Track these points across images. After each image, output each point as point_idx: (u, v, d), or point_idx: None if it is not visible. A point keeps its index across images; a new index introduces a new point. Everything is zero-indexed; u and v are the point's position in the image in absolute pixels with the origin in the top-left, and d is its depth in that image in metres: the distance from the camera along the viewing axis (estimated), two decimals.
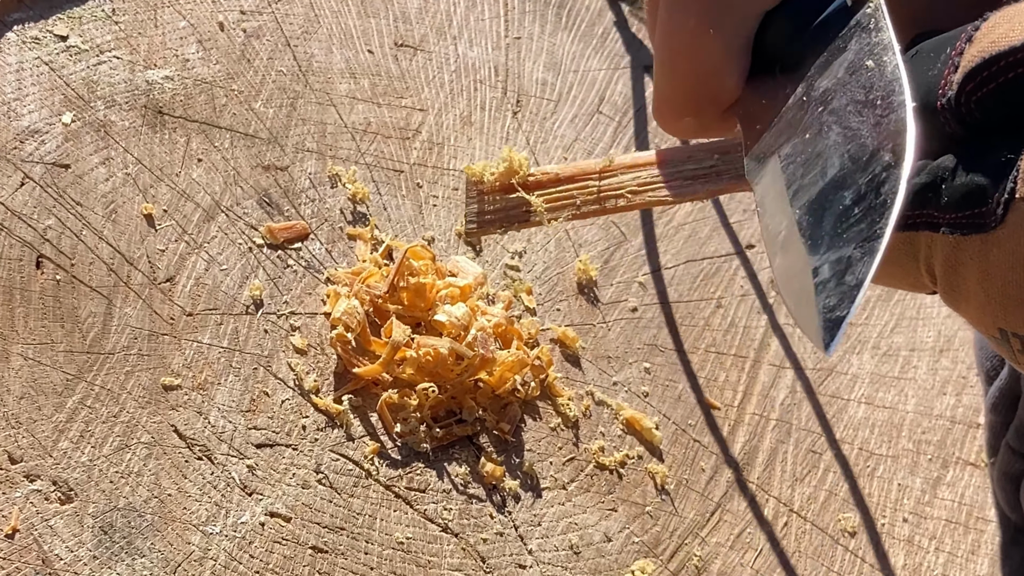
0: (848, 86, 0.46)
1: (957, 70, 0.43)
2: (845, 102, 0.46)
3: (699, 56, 0.52)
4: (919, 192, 0.44)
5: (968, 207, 0.43)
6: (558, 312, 0.71)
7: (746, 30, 0.51)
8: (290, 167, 0.68)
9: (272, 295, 0.64)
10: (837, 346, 0.43)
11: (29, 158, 0.61)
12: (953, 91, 0.42)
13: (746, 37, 0.51)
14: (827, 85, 0.47)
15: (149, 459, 0.57)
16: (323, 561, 0.58)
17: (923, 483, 0.74)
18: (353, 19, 0.75)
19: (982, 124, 0.43)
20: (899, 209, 0.41)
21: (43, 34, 0.65)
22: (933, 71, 0.44)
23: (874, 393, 0.76)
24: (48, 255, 0.59)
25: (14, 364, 0.56)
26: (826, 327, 0.42)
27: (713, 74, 0.52)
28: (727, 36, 0.51)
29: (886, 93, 0.45)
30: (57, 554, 0.53)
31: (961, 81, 0.42)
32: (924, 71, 0.44)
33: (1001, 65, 0.41)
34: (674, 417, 0.70)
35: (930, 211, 0.44)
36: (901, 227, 0.45)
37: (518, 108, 0.77)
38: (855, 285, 0.42)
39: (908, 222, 0.45)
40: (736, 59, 0.51)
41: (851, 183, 0.44)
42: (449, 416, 0.64)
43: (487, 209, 0.53)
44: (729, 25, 0.51)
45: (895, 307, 0.80)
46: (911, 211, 0.44)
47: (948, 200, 0.43)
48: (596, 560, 0.63)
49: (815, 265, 0.44)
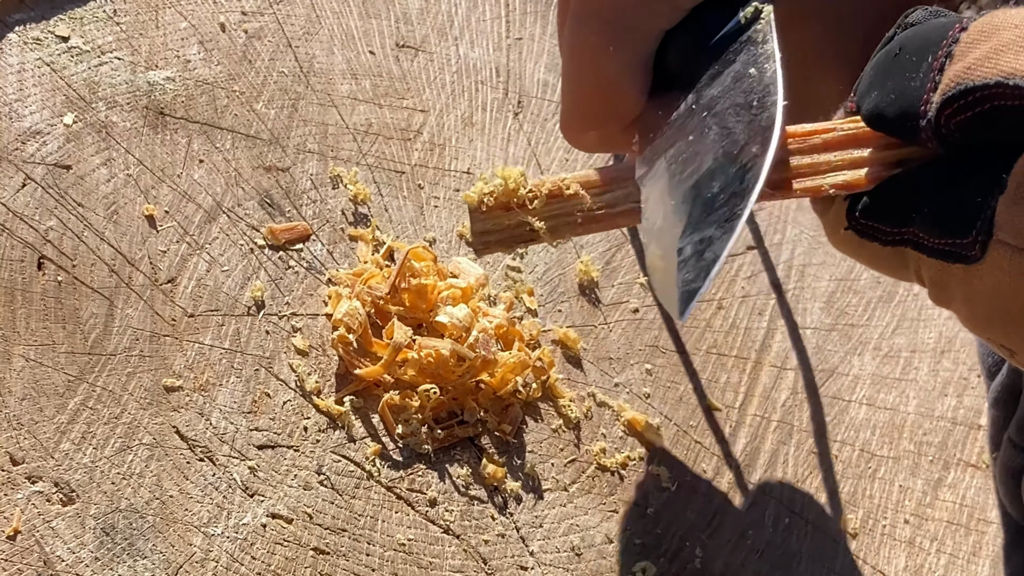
0: (731, 92, 0.48)
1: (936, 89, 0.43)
2: (727, 106, 0.48)
3: (601, 72, 0.53)
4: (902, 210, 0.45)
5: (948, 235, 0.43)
6: (559, 313, 0.71)
7: (645, 49, 0.52)
8: (291, 168, 0.68)
9: (274, 296, 0.64)
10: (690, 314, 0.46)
11: (31, 159, 0.61)
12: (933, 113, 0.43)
13: (646, 55, 0.52)
14: (714, 93, 0.49)
15: (151, 460, 0.57)
16: (325, 562, 0.58)
17: (924, 484, 0.74)
18: (354, 20, 0.75)
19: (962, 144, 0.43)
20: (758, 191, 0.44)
21: (45, 35, 0.65)
22: (915, 81, 0.44)
23: (875, 394, 0.76)
24: (50, 256, 0.59)
25: (16, 365, 0.56)
26: (682, 297, 0.46)
27: (614, 90, 0.53)
28: (627, 54, 0.52)
29: (762, 95, 0.47)
30: (59, 556, 0.53)
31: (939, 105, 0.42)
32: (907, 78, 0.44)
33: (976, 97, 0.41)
34: (676, 418, 0.70)
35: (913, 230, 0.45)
36: (889, 242, 0.46)
37: (520, 109, 0.77)
38: (712, 260, 0.45)
39: (896, 238, 0.46)
40: (636, 76, 0.52)
41: (721, 174, 0.46)
42: (451, 417, 0.64)
43: (491, 229, 0.54)
44: (629, 43, 0.52)
45: (896, 308, 0.80)
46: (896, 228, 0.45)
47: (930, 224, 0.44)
48: (598, 562, 0.63)
49: (679, 247, 0.47)
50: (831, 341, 0.77)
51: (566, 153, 0.76)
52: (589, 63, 0.53)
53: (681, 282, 0.46)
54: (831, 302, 0.79)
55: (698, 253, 0.46)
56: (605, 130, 0.55)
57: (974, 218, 0.42)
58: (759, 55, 0.48)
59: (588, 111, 0.55)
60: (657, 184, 0.50)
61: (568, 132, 0.57)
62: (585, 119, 0.55)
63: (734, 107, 0.48)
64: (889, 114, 0.45)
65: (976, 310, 0.44)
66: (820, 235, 0.81)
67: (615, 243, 0.74)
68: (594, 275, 0.72)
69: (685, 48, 0.52)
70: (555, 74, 0.80)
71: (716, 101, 0.49)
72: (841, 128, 0.48)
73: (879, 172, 0.47)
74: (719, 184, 0.46)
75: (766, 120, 0.46)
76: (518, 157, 0.75)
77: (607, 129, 0.55)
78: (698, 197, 0.47)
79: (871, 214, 0.46)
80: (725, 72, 0.49)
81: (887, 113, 0.45)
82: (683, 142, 0.50)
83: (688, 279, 0.45)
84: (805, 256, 0.79)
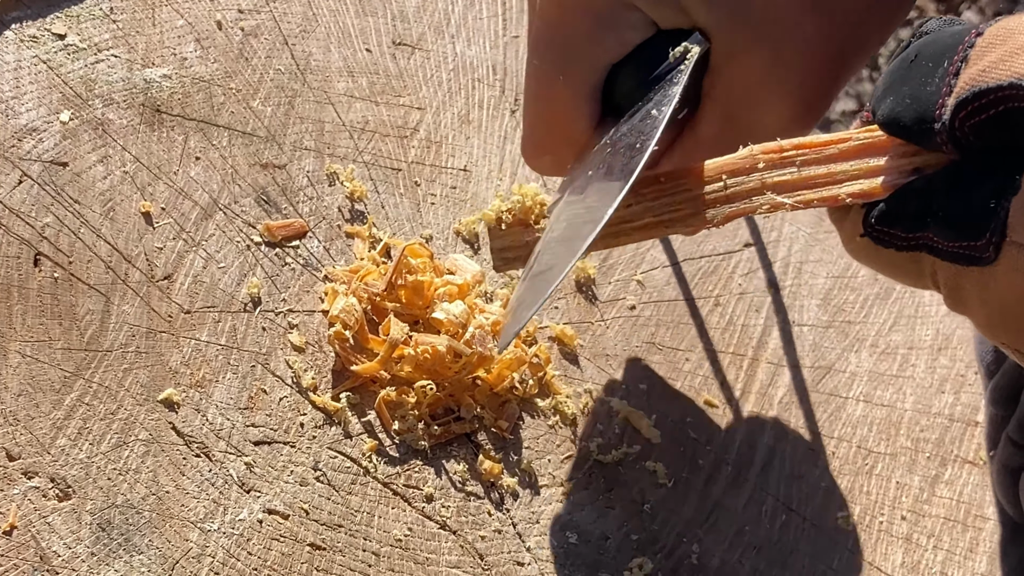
0: (632, 131, 0.52)
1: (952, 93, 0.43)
2: (621, 145, 0.51)
3: (552, 100, 0.56)
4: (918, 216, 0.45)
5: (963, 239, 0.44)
6: (556, 310, 0.71)
7: (593, 79, 0.55)
8: (288, 165, 0.68)
9: (270, 293, 0.64)
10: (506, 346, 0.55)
11: (27, 156, 0.61)
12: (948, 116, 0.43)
13: (593, 86, 0.55)
14: (624, 131, 0.52)
15: (147, 456, 0.57)
16: (321, 558, 0.58)
17: (921, 481, 0.74)
18: (351, 18, 0.75)
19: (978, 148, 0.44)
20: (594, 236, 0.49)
21: (41, 32, 0.65)
22: (931, 86, 0.45)
23: (872, 391, 0.76)
24: (46, 253, 0.59)
25: (12, 361, 0.56)
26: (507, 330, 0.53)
27: (564, 118, 0.56)
28: (575, 84, 0.55)
29: (644, 139, 0.50)
30: (55, 551, 0.53)
31: (954, 108, 0.43)
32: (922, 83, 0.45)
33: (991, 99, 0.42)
34: (672, 415, 0.70)
35: (930, 235, 0.45)
36: (904, 247, 0.46)
37: (516, 107, 0.77)
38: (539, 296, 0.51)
39: (911, 243, 0.46)
40: (584, 105, 0.56)
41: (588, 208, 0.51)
42: (447, 414, 0.64)
43: (510, 246, 0.57)
44: (577, 74, 0.55)
45: (893, 305, 0.80)
46: (912, 234, 0.46)
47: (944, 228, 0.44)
48: (594, 558, 0.63)
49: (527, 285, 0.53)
50: (828, 338, 0.77)
51: None
52: (542, 90, 0.56)
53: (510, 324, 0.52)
54: (828, 299, 0.79)
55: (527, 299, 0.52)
56: (557, 155, 0.58)
57: (987, 220, 0.42)
58: (665, 96, 0.52)
59: (541, 136, 0.58)
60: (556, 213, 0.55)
61: (526, 155, 0.61)
62: (539, 144, 0.59)
63: (625, 147, 0.51)
64: (905, 119, 0.45)
65: (992, 313, 0.44)
66: (817, 232, 0.81)
67: None
68: (591, 272, 0.72)
69: (628, 81, 0.54)
70: None
71: (621, 139, 0.52)
72: (857, 138, 0.49)
73: (895, 180, 0.47)
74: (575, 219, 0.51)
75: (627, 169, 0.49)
76: (514, 155, 0.75)
77: (559, 154, 0.58)
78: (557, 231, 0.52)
79: (887, 220, 0.46)
80: (641, 111, 0.52)
81: (903, 118, 0.45)
82: (585, 175, 0.53)
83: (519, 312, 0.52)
84: (802, 253, 0.80)
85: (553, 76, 0.55)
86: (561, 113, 0.56)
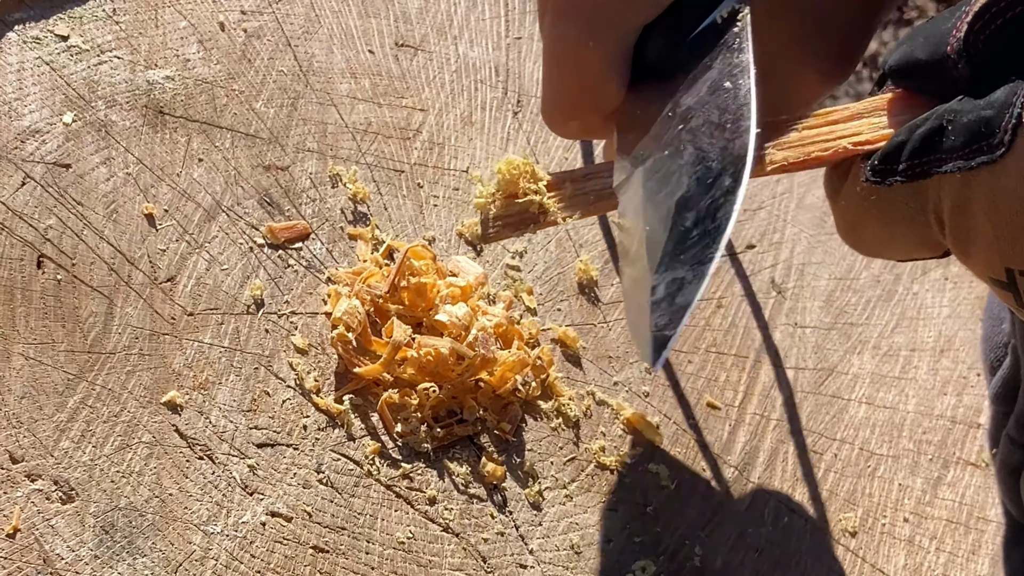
0: (706, 106, 0.48)
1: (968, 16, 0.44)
2: (701, 122, 0.48)
3: (580, 65, 0.53)
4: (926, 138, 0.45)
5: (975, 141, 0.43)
6: (559, 312, 0.71)
7: (624, 42, 0.53)
8: (291, 167, 0.68)
9: (273, 295, 0.64)
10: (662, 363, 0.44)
11: (30, 158, 0.61)
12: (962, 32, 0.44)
13: (624, 49, 0.53)
14: (690, 103, 0.49)
15: (150, 459, 0.57)
16: (324, 561, 0.58)
17: (924, 483, 0.74)
18: (354, 19, 0.75)
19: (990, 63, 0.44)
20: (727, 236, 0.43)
21: (44, 34, 0.65)
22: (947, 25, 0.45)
23: (875, 393, 0.76)
24: (49, 255, 0.59)
25: (15, 364, 0.56)
26: (655, 345, 0.44)
27: (594, 82, 0.54)
28: (606, 48, 0.53)
29: (735, 118, 0.46)
30: (58, 553, 0.53)
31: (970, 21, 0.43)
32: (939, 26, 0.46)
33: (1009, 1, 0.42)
34: (675, 417, 0.70)
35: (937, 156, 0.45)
36: (909, 176, 0.46)
37: (519, 108, 0.77)
38: (682, 307, 0.43)
39: (916, 170, 0.46)
40: (615, 69, 0.53)
41: (694, 204, 0.45)
42: (450, 416, 0.64)
43: (500, 215, 0.54)
44: (608, 37, 0.52)
45: (895, 307, 0.80)
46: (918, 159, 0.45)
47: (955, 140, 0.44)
48: (597, 560, 0.63)
49: (653, 283, 0.45)
50: (830, 340, 0.77)
51: (565, 152, 0.76)
52: (569, 56, 0.53)
53: (654, 327, 0.44)
54: (830, 301, 0.79)
55: (670, 296, 0.44)
56: (585, 120, 0.56)
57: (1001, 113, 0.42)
58: (734, 66, 0.49)
59: (568, 102, 0.55)
60: (633, 199, 0.50)
61: (550, 120, 0.57)
62: (565, 109, 0.56)
63: (708, 125, 0.47)
64: (920, 55, 0.46)
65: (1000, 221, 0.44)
66: (819, 234, 0.81)
67: (615, 241, 0.74)
68: (593, 274, 0.72)
69: (663, 43, 0.52)
70: None
71: (691, 113, 0.49)
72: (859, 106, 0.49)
73: None
74: (692, 218, 0.45)
75: (739, 149, 0.45)
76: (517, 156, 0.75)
77: (587, 119, 0.56)
78: (673, 228, 0.46)
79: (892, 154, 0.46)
80: (701, 80, 0.50)
81: (918, 55, 0.46)
82: (659, 155, 0.50)
83: (660, 324, 0.44)
84: (805, 255, 0.80)
85: (582, 41, 0.53)
86: (591, 78, 0.53)
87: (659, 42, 0.52)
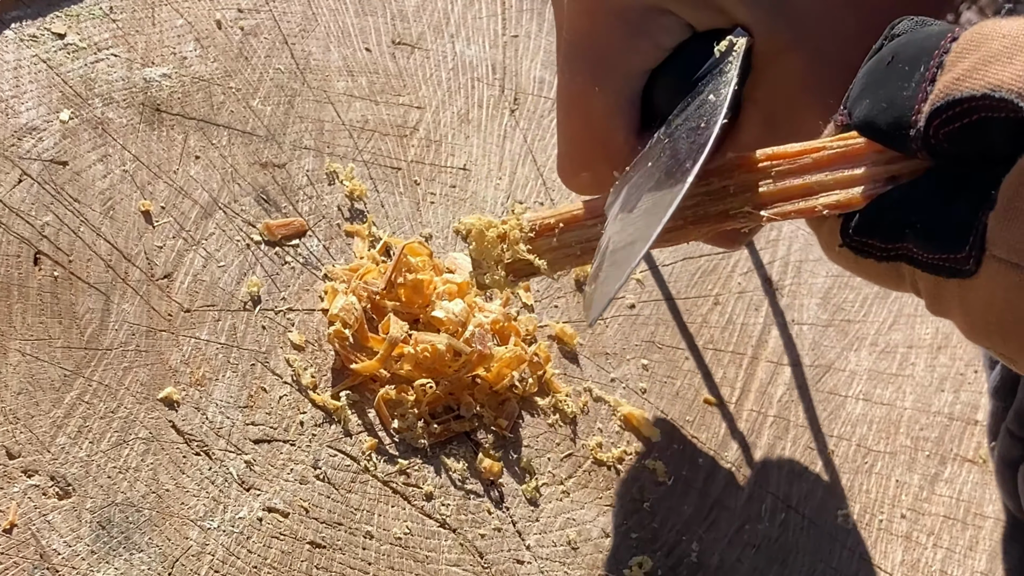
0: (691, 118, 0.49)
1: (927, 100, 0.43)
2: (683, 131, 0.49)
3: (587, 112, 0.53)
4: (895, 226, 0.45)
5: (942, 251, 0.43)
6: (556, 309, 0.71)
7: (630, 87, 0.53)
8: (288, 164, 0.68)
9: (270, 291, 0.64)
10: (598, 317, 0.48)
11: (27, 155, 0.61)
12: (923, 123, 0.43)
13: (630, 94, 0.53)
14: (679, 122, 0.50)
15: (147, 454, 0.57)
16: (321, 556, 0.58)
17: (921, 479, 0.74)
18: (351, 17, 0.75)
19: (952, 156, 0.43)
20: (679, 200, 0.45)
21: (41, 32, 0.65)
22: (907, 91, 0.44)
23: (872, 390, 0.76)
24: (46, 251, 0.59)
25: (12, 360, 0.56)
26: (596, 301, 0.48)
27: (602, 130, 0.53)
28: (612, 94, 0.53)
29: (711, 116, 0.48)
30: (55, 549, 0.53)
31: (928, 115, 0.42)
32: (899, 87, 0.44)
33: (964, 108, 0.41)
34: (672, 413, 0.70)
35: (908, 245, 0.44)
36: (884, 258, 0.46)
37: (516, 106, 0.77)
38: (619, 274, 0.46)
39: (891, 254, 0.45)
40: (623, 115, 0.53)
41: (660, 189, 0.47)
42: (447, 412, 0.64)
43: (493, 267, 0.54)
44: (613, 83, 0.52)
45: (892, 304, 0.80)
46: (891, 244, 0.45)
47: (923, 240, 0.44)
48: (594, 556, 0.63)
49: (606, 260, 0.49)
50: (827, 337, 0.77)
51: None
52: (577, 103, 0.54)
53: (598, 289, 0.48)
54: (827, 298, 0.79)
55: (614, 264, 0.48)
56: (597, 172, 0.55)
57: (966, 234, 0.41)
58: (720, 83, 0.49)
59: (579, 152, 0.56)
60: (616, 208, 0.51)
61: (563, 174, 0.58)
62: (577, 161, 0.56)
63: (688, 131, 0.49)
64: (881, 123, 0.45)
65: (974, 322, 0.44)
66: None
67: None
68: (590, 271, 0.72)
69: (669, 86, 0.52)
70: (551, 71, 0.80)
71: (678, 129, 0.50)
72: (831, 147, 0.48)
73: (872, 189, 0.46)
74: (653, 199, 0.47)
75: (705, 136, 0.46)
76: (513, 154, 0.75)
77: (598, 170, 0.55)
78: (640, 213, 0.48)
79: (864, 230, 0.46)
80: (693, 102, 0.50)
81: (879, 122, 0.45)
82: (644, 167, 0.51)
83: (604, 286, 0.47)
84: (801, 252, 0.80)
85: (588, 87, 0.53)
86: (599, 125, 0.54)
87: (665, 86, 0.52)
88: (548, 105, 0.78)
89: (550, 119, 0.78)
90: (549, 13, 0.82)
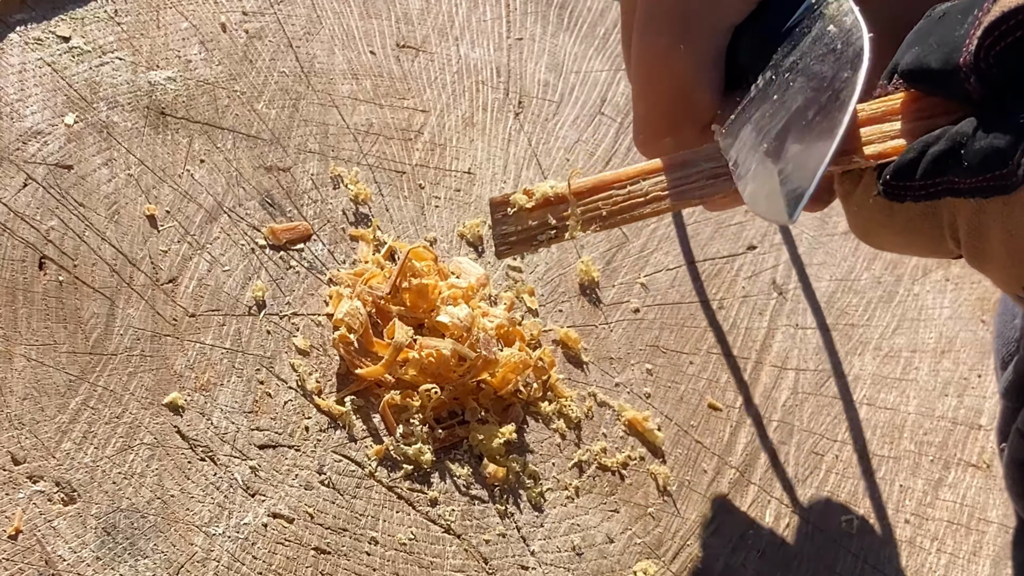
0: (812, 51, 0.48)
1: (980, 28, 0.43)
2: (810, 60, 0.48)
3: (672, 73, 0.52)
4: (939, 159, 0.45)
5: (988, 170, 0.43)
6: (560, 313, 0.71)
7: (716, 44, 0.51)
8: (292, 168, 0.68)
9: (275, 296, 0.64)
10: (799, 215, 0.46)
11: (32, 159, 0.61)
12: (974, 46, 0.43)
13: (716, 52, 0.52)
14: (794, 59, 0.49)
15: (152, 460, 0.57)
16: (326, 562, 0.58)
17: (925, 484, 0.74)
18: (355, 20, 0.75)
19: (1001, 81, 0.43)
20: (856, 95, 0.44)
21: (46, 35, 0.65)
22: (960, 32, 0.44)
23: (876, 394, 0.76)
24: (51, 256, 0.59)
25: (17, 365, 0.56)
26: (790, 201, 0.46)
27: (687, 90, 0.52)
28: (697, 51, 0.51)
29: (845, 38, 0.47)
30: (60, 555, 0.53)
31: (981, 36, 0.42)
32: (951, 31, 0.44)
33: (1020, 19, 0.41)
34: (676, 418, 0.70)
35: (950, 177, 0.44)
36: (923, 196, 0.45)
37: (520, 109, 0.77)
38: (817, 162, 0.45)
39: (930, 190, 0.45)
40: (708, 73, 0.52)
41: (813, 103, 0.46)
42: (451, 417, 0.64)
43: (515, 230, 0.53)
44: (698, 40, 0.51)
45: (896, 308, 0.80)
46: (931, 179, 0.45)
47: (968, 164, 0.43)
48: (598, 561, 0.63)
49: (779, 168, 0.47)
50: (831, 341, 0.77)
51: (567, 153, 0.76)
52: (660, 64, 0.52)
53: (787, 192, 0.46)
54: (831, 302, 0.79)
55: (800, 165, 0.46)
56: (680, 135, 0.54)
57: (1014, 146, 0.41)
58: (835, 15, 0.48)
59: (662, 116, 0.54)
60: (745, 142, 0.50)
61: (643, 141, 0.55)
62: (659, 125, 0.54)
63: (818, 57, 0.47)
64: (932, 63, 0.44)
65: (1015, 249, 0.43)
66: (820, 235, 0.81)
67: (616, 243, 0.74)
68: (595, 275, 0.72)
69: (756, 41, 0.51)
70: (555, 74, 0.80)
71: (797, 64, 0.48)
72: (872, 107, 0.48)
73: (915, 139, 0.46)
74: (813, 111, 0.46)
75: (854, 52, 0.45)
76: (519, 157, 0.75)
77: (682, 133, 0.54)
78: (792, 128, 0.47)
79: (904, 171, 0.45)
80: (801, 43, 0.49)
81: (929, 62, 0.45)
82: (767, 104, 0.49)
83: (793, 187, 0.46)
84: (806, 256, 0.80)
85: (673, 48, 0.51)
86: (684, 85, 0.52)
87: (751, 41, 0.51)
88: (552, 108, 0.78)
89: (554, 122, 0.77)
90: (553, 16, 0.82)
